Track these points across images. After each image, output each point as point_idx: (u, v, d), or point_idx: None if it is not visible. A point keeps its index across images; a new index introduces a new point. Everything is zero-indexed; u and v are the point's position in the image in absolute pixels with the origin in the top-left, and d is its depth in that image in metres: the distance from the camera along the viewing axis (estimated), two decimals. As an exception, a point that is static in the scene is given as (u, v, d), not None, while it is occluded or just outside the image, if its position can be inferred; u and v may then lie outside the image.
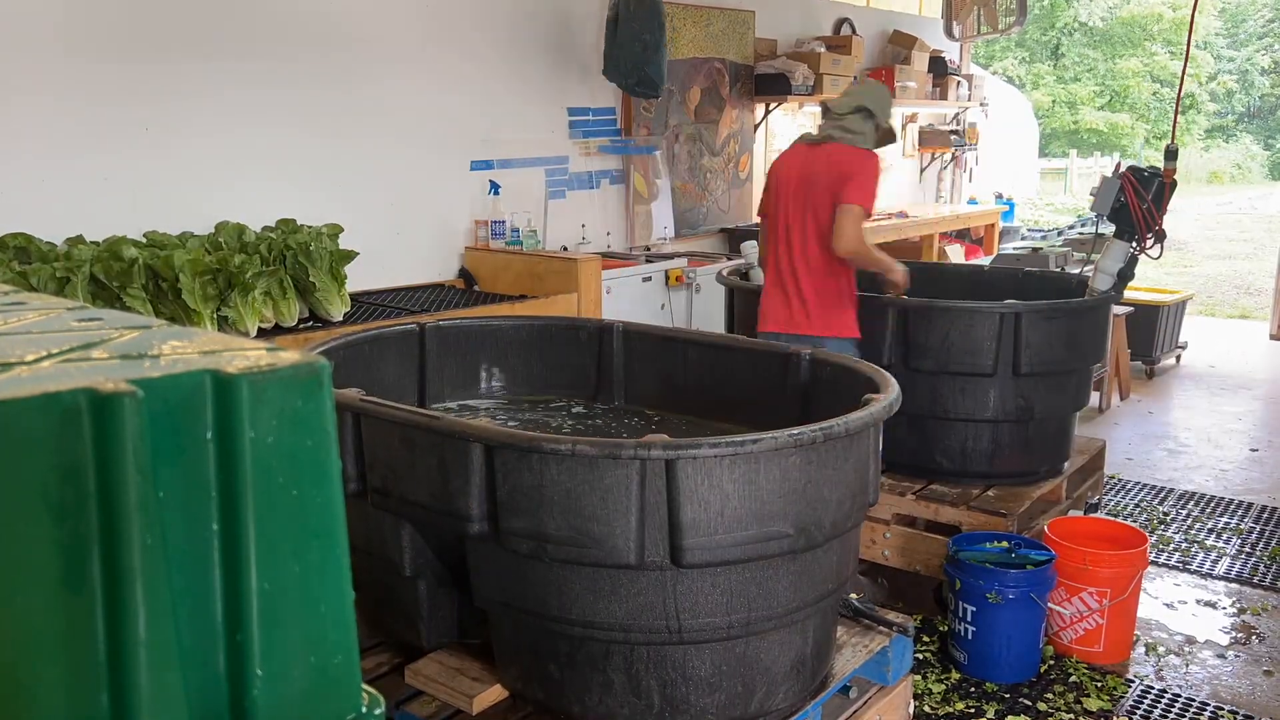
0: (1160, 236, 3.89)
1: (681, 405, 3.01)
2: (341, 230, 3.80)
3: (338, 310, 3.63)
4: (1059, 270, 6.88)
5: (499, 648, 2.30)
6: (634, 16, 5.17)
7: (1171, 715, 3.05)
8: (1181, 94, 4.71)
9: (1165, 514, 4.62)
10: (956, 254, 8.51)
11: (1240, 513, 4.65)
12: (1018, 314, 3.64)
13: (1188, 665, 3.34)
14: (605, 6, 5.30)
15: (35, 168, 3.53)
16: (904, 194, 8.94)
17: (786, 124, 7.31)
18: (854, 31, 7.68)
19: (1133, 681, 3.23)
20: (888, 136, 3.72)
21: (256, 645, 0.67)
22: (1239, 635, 3.54)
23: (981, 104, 9.33)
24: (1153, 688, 3.20)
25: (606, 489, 1.94)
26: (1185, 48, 4.58)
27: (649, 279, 5.35)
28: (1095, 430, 5.72)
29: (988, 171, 10.78)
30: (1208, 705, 3.09)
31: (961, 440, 3.79)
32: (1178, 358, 7.46)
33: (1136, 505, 4.73)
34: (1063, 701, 3.09)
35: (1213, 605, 3.77)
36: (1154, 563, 4.06)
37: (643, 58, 5.18)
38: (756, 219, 4.46)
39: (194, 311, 3.16)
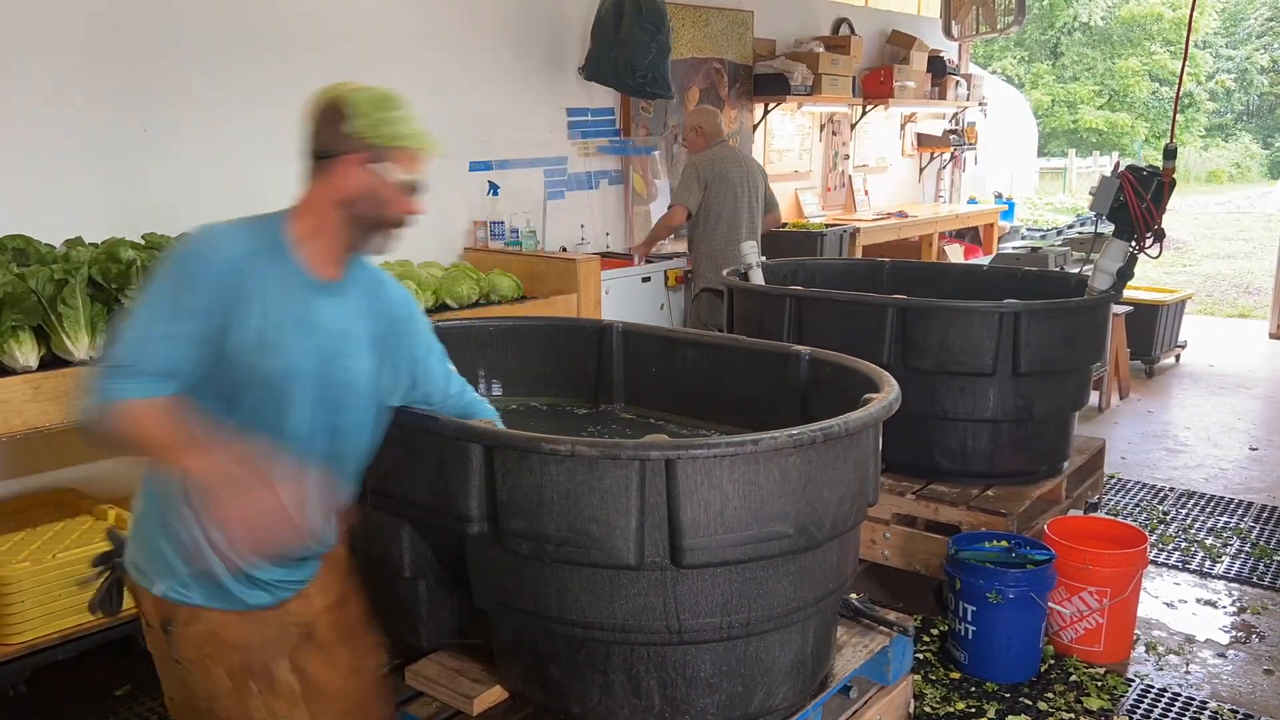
0: (1159, 236, 3.89)
1: (681, 406, 3.01)
2: (340, 232, 3.80)
3: (337, 311, 3.62)
4: (1058, 270, 6.89)
5: (499, 648, 2.30)
6: (644, 18, 5.12)
7: (1171, 714, 3.05)
8: (1180, 93, 4.71)
9: (1165, 513, 4.62)
10: (956, 254, 8.53)
11: (1240, 512, 4.65)
12: (1017, 314, 3.63)
13: (1188, 664, 3.34)
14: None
15: (34, 169, 3.52)
16: (903, 194, 8.95)
17: (785, 124, 7.31)
18: (853, 31, 7.68)
19: (1133, 681, 3.23)
20: None
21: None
22: (1239, 634, 3.54)
23: (980, 103, 9.34)
24: (1153, 687, 3.20)
25: (606, 490, 1.94)
26: (1184, 47, 4.57)
27: (648, 279, 5.35)
28: (1095, 430, 5.72)
29: (987, 171, 10.79)
30: (1208, 704, 3.09)
31: (961, 440, 3.79)
32: (1177, 357, 7.46)
33: (1136, 505, 4.73)
34: (1063, 701, 3.09)
35: (1213, 604, 3.77)
36: (1154, 562, 4.06)
37: (640, 59, 5.15)
38: None
39: (193, 313, 3.15)
